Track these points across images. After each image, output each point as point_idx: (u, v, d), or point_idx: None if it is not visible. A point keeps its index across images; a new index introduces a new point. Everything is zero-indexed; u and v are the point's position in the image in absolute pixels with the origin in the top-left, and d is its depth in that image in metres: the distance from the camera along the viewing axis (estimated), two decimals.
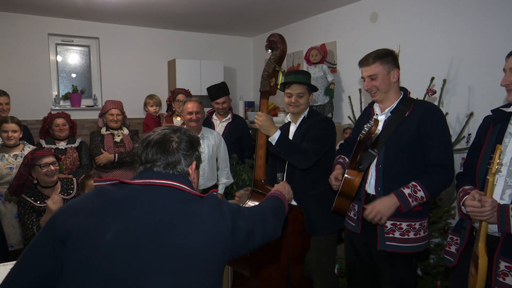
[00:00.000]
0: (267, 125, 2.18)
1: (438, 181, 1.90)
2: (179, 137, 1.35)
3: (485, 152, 1.72)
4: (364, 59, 2.05)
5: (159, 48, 5.45)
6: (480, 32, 2.93)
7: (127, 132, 3.62)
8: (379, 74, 2.01)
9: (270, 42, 2.09)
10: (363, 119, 2.25)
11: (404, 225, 1.99)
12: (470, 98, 3.00)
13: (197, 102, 3.12)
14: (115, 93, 5.03)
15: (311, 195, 2.41)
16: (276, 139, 2.19)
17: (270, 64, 2.09)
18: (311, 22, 4.80)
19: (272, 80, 2.10)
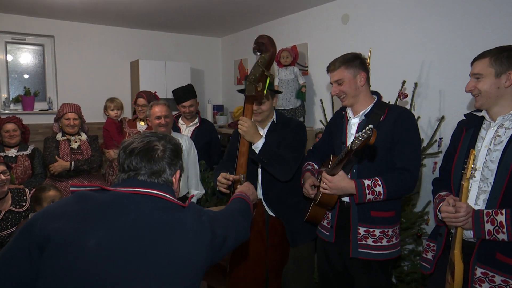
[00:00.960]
0: (252, 132, 2.14)
1: (399, 182, 1.94)
2: (164, 145, 1.36)
3: (459, 157, 1.77)
4: (330, 64, 2.09)
5: (121, 48, 5.34)
6: (450, 36, 3.04)
7: (85, 138, 3.49)
8: (345, 79, 2.04)
9: (258, 44, 2.04)
10: (335, 123, 2.27)
11: (377, 232, 2.02)
12: (441, 102, 3.10)
13: (165, 105, 3.07)
14: (72, 96, 4.88)
15: (289, 206, 2.39)
16: (260, 147, 2.15)
17: (258, 68, 2.03)
18: (281, 22, 4.83)
19: (259, 85, 2.03)
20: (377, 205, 2.00)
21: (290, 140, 2.30)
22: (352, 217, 2.05)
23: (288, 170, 2.23)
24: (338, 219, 2.12)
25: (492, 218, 1.57)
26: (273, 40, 2.05)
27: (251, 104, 2.15)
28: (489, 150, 1.67)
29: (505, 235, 1.53)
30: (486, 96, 1.66)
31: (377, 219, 2.02)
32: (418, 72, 3.25)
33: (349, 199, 2.05)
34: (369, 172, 1.99)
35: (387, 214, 2.03)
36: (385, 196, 1.93)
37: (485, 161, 1.67)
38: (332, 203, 2.04)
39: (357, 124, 2.08)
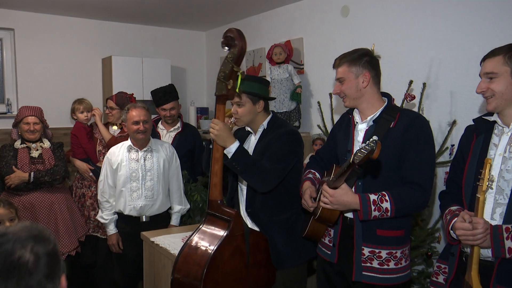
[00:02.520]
0: (224, 135, 2.15)
1: (409, 198, 1.93)
2: (34, 251, 1.02)
3: (469, 167, 1.79)
4: (336, 59, 2.12)
5: (91, 42, 5.30)
6: (463, 30, 3.08)
7: (48, 145, 3.45)
8: (346, 78, 2.06)
9: (226, 38, 2.08)
10: (340, 127, 2.27)
11: (384, 253, 2.01)
12: (453, 104, 3.13)
13: (144, 109, 3.07)
14: (35, 97, 4.83)
15: (275, 222, 2.40)
16: (232, 152, 2.16)
17: (227, 64, 2.08)
18: (274, 15, 4.85)
19: (230, 83, 2.08)
20: (384, 223, 1.99)
21: (274, 149, 2.31)
22: (355, 236, 2.05)
23: (267, 180, 2.24)
24: (341, 237, 2.11)
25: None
26: (242, 33, 2.09)
27: (222, 104, 2.18)
28: (504, 159, 1.69)
29: None
30: (501, 97, 1.68)
31: (383, 239, 2.01)
32: (427, 71, 3.28)
33: (353, 215, 2.05)
34: (376, 186, 1.99)
35: (395, 233, 2.03)
36: (393, 213, 1.92)
37: (501, 171, 1.69)
38: (333, 219, 2.03)
39: (365, 131, 2.09)
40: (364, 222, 2.01)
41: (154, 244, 2.69)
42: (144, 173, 3.10)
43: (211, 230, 2.18)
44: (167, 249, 2.55)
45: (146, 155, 3.14)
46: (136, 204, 3.08)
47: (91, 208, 3.70)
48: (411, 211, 2.02)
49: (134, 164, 3.10)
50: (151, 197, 3.10)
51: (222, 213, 2.18)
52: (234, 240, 2.14)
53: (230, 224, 2.12)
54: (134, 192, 3.09)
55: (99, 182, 3.22)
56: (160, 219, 3.19)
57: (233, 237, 2.13)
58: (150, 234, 2.84)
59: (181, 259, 2.13)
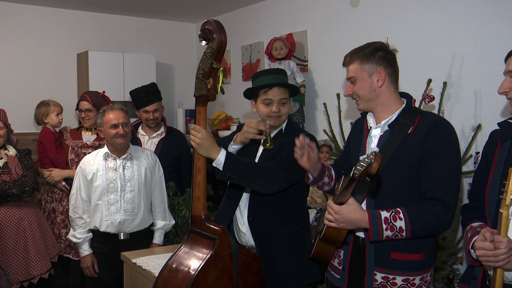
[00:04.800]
0: (207, 144, 2.16)
1: (428, 216, 1.90)
2: None
3: (493, 177, 1.79)
4: (345, 56, 2.11)
5: (64, 36, 5.32)
6: (488, 23, 3.10)
7: (13, 153, 3.45)
8: (358, 77, 2.05)
9: (204, 31, 2.11)
10: (354, 133, 2.28)
11: (399, 280, 1.99)
12: (477, 106, 3.16)
13: (122, 111, 3.08)
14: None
15: (281, 235, 2.42)
16: (222, 162, 2.16)
17: (206, 60, 2.10)
18: (274, 4, 4.87)
19: (210, 81, 2.10)
20: (400, 244, 1.98)
21: (288, 152, 2.30)
22: (367, 259, 2.04)
23: (271, 180, 2.25)
24: (352, 260, 2.11)
25: None
26: (222, 25, 2.11)
27: (203, 106, 2.19)
28: None
29: None
30: None
31: (399, 263, 1.99)
32: (448, 69, 3.31)
33: (364, 235, 2.03)
34: (392, 202, 1.96)
35: (413, 256, 2.00)
36: (408, 233, 1.89)
37: None
38: (340, 239, 2.02)
39: (379, 137, 2.07)
40: (377, 244, 1.99)
41: (136, 266, 2.68)
42: (123, 184, 3.10)
43: (193, 250, 2.17)
44: (151, 272, 2.54)
45: (125, 163, 3.14)
46: (114, 219, 3.08)
47: (62, 225, 3.69)
48: (431, 232, 1.98)
49: (112, 174, 3.11)
50: (131, 211, 3.10)
51: (207, 230, 2.18)
52: (220, 261, 2.13)
53: (215, 243, 2.12)
54: (112, 206, 3.09)
55: (71, 196, 3.22)
56: (142, 237, 3.19)
57: (219, 257, 2.12)
58: (132, 254, 2.83)
59: (160, 283, 2.13)
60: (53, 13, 5.25)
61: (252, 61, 5.16)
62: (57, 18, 5.27)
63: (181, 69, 6.10)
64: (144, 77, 5.10)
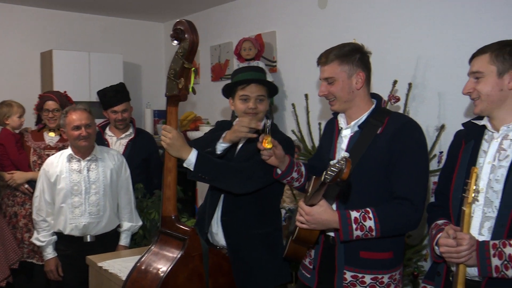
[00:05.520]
0: (178, 144, 2.14)
1: (397, 216, 1.94)
2: None
3: (458, 176, 1.84)
4: (322, 55, 2.08)
5: (28, 34, 5.22)
6: (452, 26, 3.18)
7: None
8: (337, 78, 2.04)
9: (176, 31, 2.11)
10: (325, 133, 2.30)
11: (368, 279, 2.03)
12: (441, 106, 3.23)
13: (85, 111, 3.04)
14: None
15: (255, 235, 2.42)
16: (193, 163, 2.16)
17: (178, 60, 2.10)
18: (243, 5, 4.89)
19: (181, 81, 2.09)
20: (369, 243, 2.00)
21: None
22: (337, 258, 2.06)
23: (244, 180, 2.25)
24: (322, 259, 2.13)
25: (499, 250, 1.63)
26: (194, 26, 2.11)
27: (174, 106, 2.18)
28: (493, 167, 1.75)
29: None
30: (487, 100, 1.75)
31: (367, 262, 2.03)
32: (413, 70, 3.37)
33: (334, 234, 2.06)
34: (361, 202, 1.99)
35: (382, 255, 2.04)
36: (378, 233, 1.93)
37: (489, 181, 1.74)
38: (312, 240, 2.04)
39: (349, 137, 2.10)
40: (347, 243, 2.01)
41: (103, 270, 2.64)
42: (87, 186, 3.06)
43: (163, 250, 2.16)
44: (117, 276, 2.51)
45: (90, 165, 3.10)
46: (78, 222, 3.03)
47: (25, 229, 3.60)
48: (400, 231, 2.02)
49: (76, 176, 3.06)
50: (97, 213, 3.06)
51: (177, 230, 2.17)
52: (190, 261, 2.12)
53: (185, 243, 2.11)
54: (76, 209, 3.04)
55: (34, 198, 3.15)
56: (108, 239, 3.15)
57: (189, 257, 2.12)
58: (98, 258, 2.78)
59: (128, 284, 2.11)
60: (16, 11, 5.14)
61: (221, 61, 5.16)
62: (20, 16, 5.17)
63: (149, 69, 6.06)
64: (111, 77, 5.03)
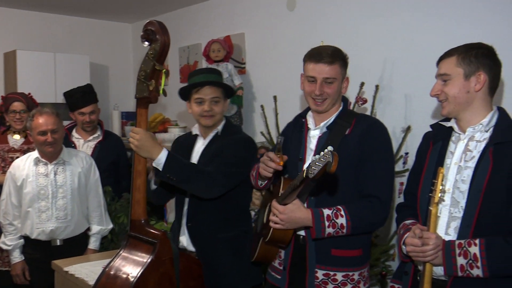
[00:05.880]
0: (148, 145, 2.13)
1: (367, 213, 2.00)
2: None
3: (425, 177, 1.89)
4: (324, 54, 2.09)
5: None
6: (418, 29, 3.25)
7: None
8: (337, 79, 2.10)
9: (146, 31, 2.09)
10: (293, 131, 2.31)
11: (339, 276, 2.07)
12: (407, 108, 3.30)
13: (53, 115, 2.96)
14: None
15: (220, 240, 2.42)
16: (163, 163, 2.14)
17: (148, 62, 2.09)
18: (211, 6, 4.88)
19: (152, 83, 2.08)
20: (340, 241, 2.04)
21: (227, 154, 2.34)
22: (308, 257, 2.09)
23: (211, 185, 2.24)
24: (293, 259, 2.15)
25: (465, 250, 1.67)
26: (165, 27, 2.10)
27: (145, 108, 2.18)
28: (460, 168, 1.79)
29: (480, 270, 1.64)
30: (455, 102, 1.79)
31: (339, 260, 2.07)
32: (380, 73, 3.44)
33: (305, 233, 2.09)
34: (331, 200, 2.04)
35: (353, 253, 2.09)
36: (349, 230, 1.97)
37: (456, 181, 1.79)
38: (286, 239, 2.06)
39: (317, 138, 2.14)
40: (318, 241, 2.05)
41: (68, 274, 2.59)
42: (55, 190, 3.00)
43: (133, 255, 2.14)
44: (84, 280, 2.47)
45: (57, 169, 3.04)
46: (45, 227, 2.97)
47: None
48: (369, 228, 2.09)
49: (43, 180, 3.00)
50: (64, 218, 3.00)
51: (146, 234, 2.15)
52: (161, 266, 2.11)
53: (156, 247, 2.09)
54: (43, 213, 2.98)
55: (1, 201, 3.09)
56: (76, 243, 3.10)
57: (160, 262, 2.10)
58: (64, 262, 2.73)
59: None
60: None
61: (190, 62, 5.14)
62: None
63: (117, 70, 5.99)
64: (77, 78, 4.96)
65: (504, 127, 1.76)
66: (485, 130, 1.78)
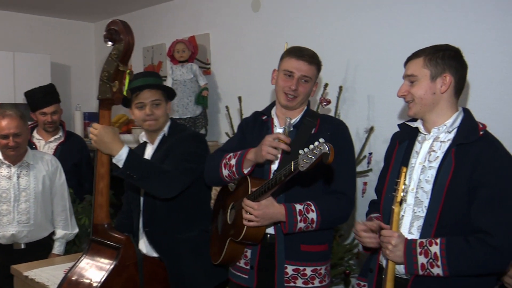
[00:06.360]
0: (108, 140, 2.09)
1: (335, 208, 2.08)
2: None
3: (391, 176, 1.92)
4: (306, 52, 2.17)
5: None
6: (380, 31, 3.31)
7: None
8: (312, 80, 2.18)
9: (110, 31, 2.06)
10: (253, 129, 2.31)
11: (309, 271, 2.12)
12: (370, 109, 3.36)
13: (16, 117, 2.87)
14: None
15: (181, 241, 2.40)
16: (124, 159, 2.10)
17: (112, 62, 2.05)
18: (176, 6, 4.86)
19: (115, 84, 2.05)
20: (308, 237, 2.10)
21: (178, 152, 2.32)
22: (277, 254, 2.11)
23: (170, 184, 2.23)
24: (260, 258, 2.16)
25: (425, 249, 1.70)
26: (129, 26, 2.08)
27: (107, 110, 2.15)
28: (424, 168, 1.83)
29: (440, 269, 1.67)
30: (421, 103, 1.82)
31: (308, 255, 2.11)
32: (343, 74, 3.48)
33: (274, 231, 2.11)
34: (299, 196, 2.09)
35: (320, 247, 2.15)
36: (318, 225, 2.03)
37: (420, 181, 1.82)
38: (259, 236, 2.08)
39: None
40: (287, 237, 2.09)
41: (28, 279, 2.52)
42: (17, 193, 2.93)
43: (95, 260, 2.10)
44: (45, 285, 2.41)
45: (21, 172, 2.97)
46: (6, 231, 2.90)
47: None
48: (336, 223, 2.17)
49: (5, 183, 2.93)
50: (26, 222, 2.93)
51: (110, 239, 2.12)
52: (124, 271, 2.08)
53: (119, 252, 2.07)
54: (4, 217, 2.91)
55: None
56: (40, 247, 3.03)
57: (124, 267, 2.08)
58: (24, 267, 2.66)
59: None
60: None
61: (154, 63, 5.10)
62: None
63: (79, 70, 5.91)
64: (37, 78, 4.88)
65: (467, 129, 1.79)
66: (448, 131, 1.81)
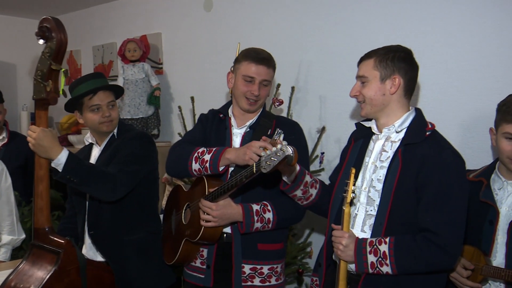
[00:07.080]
0: (46, 144, 2.03)
1: (290, 208, 2.11)
2: None
3: (342, 176, 1.95)
4: (264, 56, 2.18)
5: None
6: (331, 32, 3.35)
7: None
8: (271, 83, 2.21)
9: (41, 29, 1.99)
10: (211, 127, 2.31)
11: (266, 270, 2.15)
12: (322, 109, 3.39)
13: None
14: None
15: (126, 243, 2.36)
16: (63, 163, 2.05)
17: (45, 61, 2.00)
18: (127, 4, 4.77)
19: (49, 84, 1.99)
20: (265, 236, 2.13)
21: (124, 153, 2.29)
22: (234, 254, 2.12)
23: (114, 187, 2.19)
24: (217, 257, 2.17)
25: (375, 248, 1.73)
26: (62, 23, 2.03)
27: (43, 110, 2.09)
28: (376, 167, 1.85)
29: (389, 267, 1.70)
30: (371, 103, 1.85)
31: (265, 254, 2.14)
32: (296, 75, 3.51)
33: (231, 230, 2.14)
34: (257, 196, 2.12)
35: (276, 246, 2.18)
36: (274, 225, 2.08)
37: (372, 180, 1.84)
38: (217, 236, 2.10)
39: (241, 137, 2.22)
40: (244, 237, 2.11)
41: None
42: None
43: (35, 266, 2.04)
44: None
45: None
46: None
47: None
48: (290, 222, 2.21)
49: None
50: None
51: (50, 243, 2.05)
52: (65, 276, 2.03)
53: (60, 257, 2.01)
54: None
55: None
56: None
57: (64, 272, 2.02)
58: None
59: None
60: None
61: (104, 62, 4.99)
62: None
63: (25, 69, 5.73)
64: None
65: (415, 129, 1.83)
66: (396, 131, 1.84)
